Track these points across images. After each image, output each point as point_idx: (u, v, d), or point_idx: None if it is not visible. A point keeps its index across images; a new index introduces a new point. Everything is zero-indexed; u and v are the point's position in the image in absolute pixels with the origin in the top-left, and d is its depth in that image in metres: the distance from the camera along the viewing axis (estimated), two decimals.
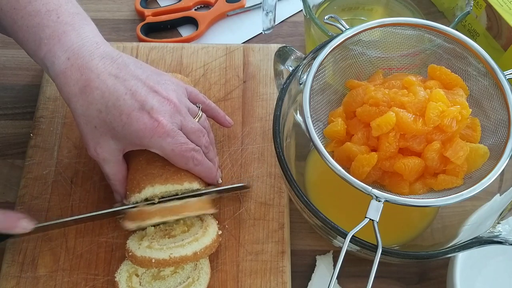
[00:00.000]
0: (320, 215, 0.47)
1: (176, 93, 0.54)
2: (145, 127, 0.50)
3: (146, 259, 0.51)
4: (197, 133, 0.54)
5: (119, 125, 0.50)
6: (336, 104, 0.54)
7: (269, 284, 0.55)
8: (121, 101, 0.50)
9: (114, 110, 0.50)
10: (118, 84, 0.50)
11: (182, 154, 0.52)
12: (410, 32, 0.53)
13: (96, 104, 0.50)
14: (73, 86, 0.49)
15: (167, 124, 0.51)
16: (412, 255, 0.47)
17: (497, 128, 0.49)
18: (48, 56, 0.50)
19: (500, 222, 0.47)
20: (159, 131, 0.50)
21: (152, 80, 0.52)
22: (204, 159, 0.55)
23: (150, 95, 0.51)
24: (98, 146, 0.52)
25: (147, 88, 0.51)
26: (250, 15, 0.78)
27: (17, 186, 0.61)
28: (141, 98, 0.50)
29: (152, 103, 0.50)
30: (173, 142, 0.51)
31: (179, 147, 0.52)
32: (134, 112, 0.50)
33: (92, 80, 0.49)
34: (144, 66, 0.54)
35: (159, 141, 0.51)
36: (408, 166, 0.47)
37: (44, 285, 0.55)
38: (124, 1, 0.79)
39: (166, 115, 0.51)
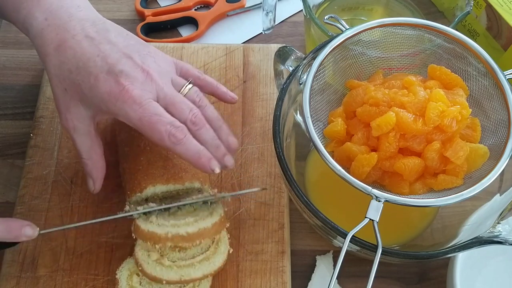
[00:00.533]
0: (320, 215, 0.47)
1: (157, 64, 0.50)
2: (110, 90, 0.47)
3: (157, 278, 0.51)
4: (178, 104, 0.49)
5: (87, 87, 0.48)
6: (336, 104, 0.54)
7: (269, 284, 0.55)
8: (91, 62, 0.47)
9: (84, 71, 0.48)
10: (92, 46, 0.48)
11: (152, 127, 0.47)
12: (410, 32, 0.53)
13: (68, 64, 0.48)
14: (47, 46, 0.48)
15: (134, 90, 0.47)
16: (412, 255, 0.47)
17: (497, 128, 0.49)
18: (27, 19, 0.49)
19: (500, 222, 0.47)
20: (124, 96, 0.47)
21: (130, 48, 0.49)
22: (188, 139, 0.48)
23: (123, 60, 0.48)
24: (68, 112, 0.50)
25: (121, 54, 0.48)
26: (250, 15, 0.78)
27: (17, 186, 0.61)
28: (112, 61, 0.48)
29: (122, 67, 0.48)
30: (140, 110, 0.47)
31: (148, 117, 0.47)
32: (101, 74, 0.47)
33: (66, 40, 0.48)
34: (129, 37, 0.51)
35: (124, 107, 0.47)
36: (408, 166, 0.47)
37: (44, 285, 0.55)
38: (124, 1, 0.79)
39: (135, 82, 0.47)
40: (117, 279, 0.53)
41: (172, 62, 0.53)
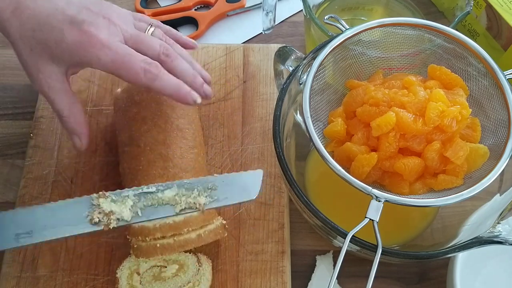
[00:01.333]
0: (320, 215, 0.47)
1: (115, 12, 0.50)
2: (78, 40, 0.47)
3: None
4: (147, 42, 0.49)
5: (52, 41, 0.47)
6: (336, 104, 0.54)
7: (269, 284, 0.55)
8: (52, 17, 0.47)
9: (47, 27, 0.47)
10: (48, 2, 0.48)
11: (126, 66, 0.47)
12: (410, 32, 0.53)
13: (29, 24, 0.47)
14: (4, 12, 0.48)
15: (100, 34, 0.47)
16: (412, 255, 0.47)
17: (497, 128, 0.49)
18: None
19: (500, 222, 0.47)
20: (93, 42, 0.47)
21: (88, 2, 0.49)
22: (164, 73, 0.49)
23: (83, 11, 0.48)
24: (39, 72, 0.49)
25: (79, 6, 0.48)
26: (250, 15, 0.78)
27: (17, 186, 0.61)
28: (71, 13, 0.48)
29: (83, 17, 0.48)
30: (111, 53, 0.47)
31: (120, 58, 0.47)
32: (65, 25, 0.47)
33: (21, 2, 0.48)
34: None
35: (95, 53, 0.47)
36: (408, 166, 0.47)
37: (44, 285, 0.55)
38: (124, 1, 0.79)
39: (100, 27, 0.48)
40: (118, 278, 0.53)
41: (129, 12, 0.53)
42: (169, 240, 0.51)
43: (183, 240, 0.52)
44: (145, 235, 0.52)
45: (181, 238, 0.52)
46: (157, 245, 0.51)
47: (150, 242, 0.52)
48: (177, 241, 0.51)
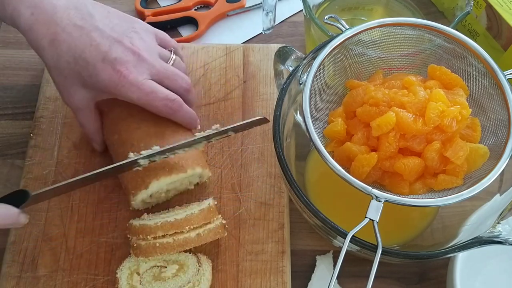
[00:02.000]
0: (320, 215, 0.47)
1: (143, 41, 0.55)
2: (110, 78, 0.52)
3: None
4: (172, 76, 0.55)
5: (87, 75, 0.52)
6: (336, 104, 0.54)
7: (269, 284, 0.55)
8: (87, 52, 0.51)
9: (81, 61, 0.52)
10: (83, 35, 0.52)
11: (150, 103, 0.53)
12: (410, 32, 0.53)
13: (65, 56, 0.52)
14: (41, 41, 0.51)
15: (130, 74, 0.52)
16: (412, 255, 0.47)
17: (497, 128, 0.49)
18: (14, 14, 0.52)
19: (500, 222, 0.47)
20: (122, 82, 0.52)
21: (117, 30, 0.53)
22: (182, 106, 0.55)
23: (114, 46, 0.52)
24: (70, 95, 0.54)
25: (111, 39, 0.52)
26: (250, 15, 0.78)
27: (17, 186, 0.61)
28: (104, 49, 0.52)
29: (115, 54, 0.52)
30: (138, 91, 0.52)
31: (145, 97, 0.53)
32: (98, 63, 0.51)
33: (58, 34, 0.51)
34: (111, 14, 0.54)
35: (124, 91, 0.52)
36: (408, 166, 0.47)
37: (44, 285, 0.55)
38: (124, 1, 0.79)
39: (130, 65, 0.52)
40: (118, 278, 0.53)
41: (153, 34, 0.58)
42: (169, 240, 0.51)
43: (182, 239, 0.52)
44: (146, 234, 0.52)
45: (180, 237, 0.52)
46: (157, 245, 0.51)
47: (149, 241, 0.52)
48: (176, 241, 0.52)
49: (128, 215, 0.59)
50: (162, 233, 0.52)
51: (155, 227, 0.52)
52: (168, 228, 0.52)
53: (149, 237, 0.52)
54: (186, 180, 0.57)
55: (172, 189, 0.58)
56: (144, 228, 0.52)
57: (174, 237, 0.52)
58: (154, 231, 0.52)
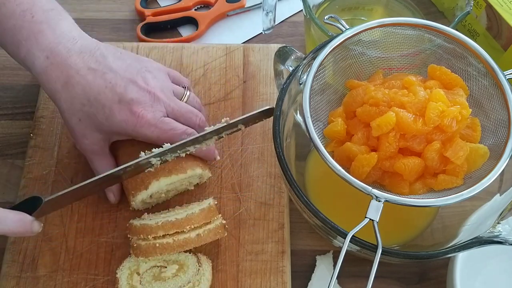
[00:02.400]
0: (320, 215, 0.47)
1: (157, 80, 0.55)
2: (127, 119, 0.52)
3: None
4: (186, 114, 0.55)
5: (103, 117, 0.52)
6: (336, 104, 0.54)
7: (269, 284, 0.55)
8: (102, 94, 0.51)
9: (96, 104, 0.51)
10: (97, 78, 0.51)
11: (170, 140, 0.53)
12: (410, 32, 0.53)
13: (79, 99, 0.51)
14: (54, 84, 0.51)
15: (147, 115, 0.52)
16: (412, 255, 0.47)
17: (497, 128, 0.49)
18: (28, 57, 0.52)
19: (500, 222, 0.47)
20: (141, 122, 0.52)
21: (131, 71, 0.53)
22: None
23: (130, 87, 0.52)
24: (84, 138, 0.54)
25: (126, 80, 0.52)
26: (250, 15, 0.78)
27: (17, 186, 0.61)
28: (120, 90, 0.52)
29: (131, 95, 0.52)
30: (157, 130, 0.53)
31: (164, 134, 0.53)
32: (114, 105, 0.51)
33: (72, 77, 0.51)
34: (124, 56, 0.55)
35: (142, 131, 0.52)
36: (408, 166, 0.47)
37: (44, 285, 0.55)
38: (124, 1, 0.79)
39: (147, 106, 0.52)
40: (117, 278, 0.53)
41: (165, 72, 0.58)
42: (169, 240, 0.51)
43: (182, 240, 0.52)
44: (146, 233, 0.52)
45: (180, 237, 0.52)
46: (157, 245, 0.51)
47: (150, 242, 0.52)
48: (176, 241, 0.52)
49: (128, 215, 0.59)
50: (162, 233, 0.52)
51: (156, 227, 0.52)
52: (168, 228, 0.52)
53: (149, 237, 0.52)
54: (186, 180, 0.57)
55: (172, 190, 0.58)
56: (144, 227, 0.52)
57: (174, 238, 0.52)
58: (154, 231, 0.52)
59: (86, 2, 0.78)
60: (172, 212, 0.55)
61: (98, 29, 0.56)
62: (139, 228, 0.52)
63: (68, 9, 0.56)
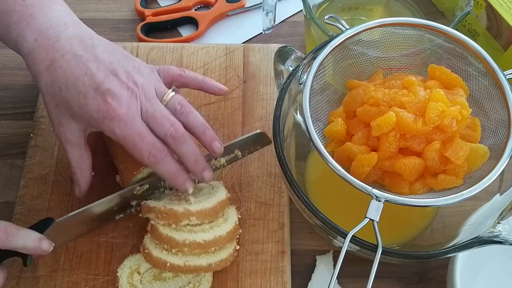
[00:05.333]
0: (320, 215, 0.47)
1: (141, 76, 0.52)
2: (98, 109, 0.49)
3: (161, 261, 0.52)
4: (159, 120, 0.51)
5: (76, 104, 0.50)
6: (336, 104, 0.54)
7: (269, 284, 0.55)
8: (80, 81, 0.50)
9: (73, 89, 0.50)
10: (80, 64, 0.50)
11: (135, 145, 0.50)
12: (410, 32, 0.53)
13: (58, 82, 0.50)
14: (39, 66, 0.51)
15: (120, 109, 0.49)
16: (412, 255, 0.47)
17: (497, 128, 0.49)
18: (18, 40, 0.51)
19: (500, 222, 0.47)
20: (111, 115, 0.49)
21: (116, 65, 0.51)
22: (167, 160, 0.51)
23: (109, 78, 0.50)
24: (60, 125, 0.52)
25: (108, 71, 0.50)
26: (250, 15, 0.78)
27: (17, 186, 0.61)
28: (99, 79, 0.50)
29: (109, 86, 0.49)
30: (126, 129, 0.49)
31: (131, 137, 0.49)
32: (90, 92, 0.49)
33: (56, 60, 0.50)
34: (116, 51, 0.53)
35: (111, 125, 0.49)
36: (408, 166, 0.47)
37: (44, 285, 0.55)
38: (124, 1, 0.79)
39: (122, 100, 0.49)
40: (118, 276, 0.53)
41: (154, 69, 0.55)
42: (180, 263, 0.51)
43: (193, 266, 0.51)
44: (171, 246, 0.51)
45: (191, 264, 0.51)
46: (167, 264, 0.51)
47: (161, 258, 0.51)
48: (187, 266, 0.51)
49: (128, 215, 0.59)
50: (187, 250, 0.51)
51: (182, 244, 0.51)
52: (194, 247, 0.51)
53: (173, 250, 0.51)
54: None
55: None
56: (170, 240, 0.51)
57: (185, 262, 0.51)
58: (180, 247, 0.51)
59: (86, 2, 0.78)
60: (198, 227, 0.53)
61: (98, 29, 0.56)
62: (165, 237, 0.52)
63: None
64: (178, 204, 0.52)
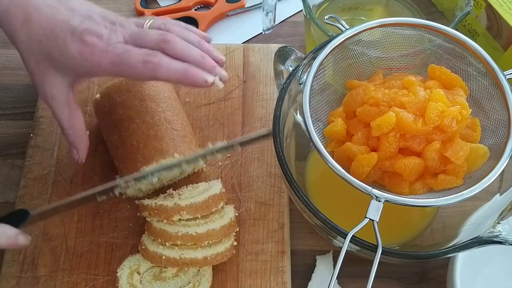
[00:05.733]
0: (320, 215, 0.47)
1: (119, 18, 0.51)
2: (80, 49, 0.48)
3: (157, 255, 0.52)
4: (144, 33, 0.49)
5: (57, 52, 0.48)
6: (336, 104, 0.54)
7: (269, 284, 0.55)
8: (57, 28, 0.48)
9: (52, 38, 0.48)
10: (55, 14, 0.49)
11: (125, 63, 0.47)
12: (410, 32, 0.53)
13: (36, 36, 0.49)
14: (14, 24, 0.49)
15: (100, 42, 0.48)
16: (412, 255, 0.47)
17: (497, 128, 0.49)
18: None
19: (500, 222, 0.47)
20: (93, 50, 0.48)
21: (91, 12, 0.50)
22: (165, 59, 0.47)
23: (86, 21, 0.49)
24: (44, 82, 0.50)
25: (83, 16, 0.49)
26: (250, 15, 0.78)
27: (17, 186, 0.61)
28: (75, 23, 0.48)
29: (85, 26, 0.48)
30: (109, 55, 0.47)
31: (118, 57, 0.47)
32: (68, 36, 0.48)
33: (31, 13, 0.49)
34: (92, 7, 0.51)
35: (96, 59, 0.48)
36: (408, 166, 0.47)
37: (44, 285, 0.55)
38: (124, 1, 0.79)
39: (101, 35, 0.48)
40: (118, 277, 0.53)
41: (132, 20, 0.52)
42: (175, 256, 0.52)
43: (188, 259, 0.52)
44: (165, 239, 0.52)
45: (187, 256, 0.52)
46: (163, 258, 0.52)
47: (157, 252, 0.52)
48: (182, 259, 0.52)
49: (128, 215, 0.59)
50: (180, 242, 0.52)
51: (175, 236, 0.52)
52: (187, 240, 0.52)
53: (166, 243, 0.52)
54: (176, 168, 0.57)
55: (164, 178, 0.58)
56: (163, 233, 0.52)
57: (181, 255, 0.52)
58: (173, 239, 0.52)
59: None
60: (192, 222, 0.54)
61: None
62: (158, 231, 0.52)
63: None
64: (170, 200, 0.53)
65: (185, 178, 0.61)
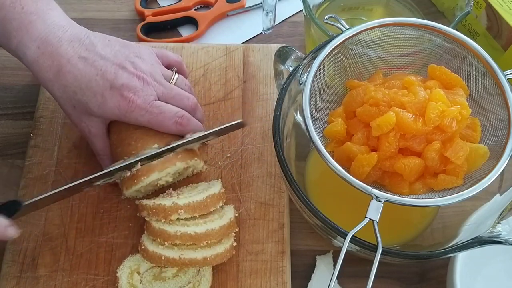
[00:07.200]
0: (320, 215, 0.47)
1: (146, 64, 0.56)
2: (119, 105, 0.53)
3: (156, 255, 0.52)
4: (177, 97, 0.56)
5: (95, 105, 0.53)
6: (336, 104, 0.54)
7: (269, 284, 0.55)
8: (93, 82, 0.52)
9: (88, 92, 0.53)
10: (88, 66, 0.53)
11: (161, 124, 0.55)
12: (410, 32, 0.53)
13: (71, 87, 0.53)
14: (47, 73, 0.52)
15: (138, 99, 0.53)
16: (412, 255, 0.47)
17: (497, 128, 0.49)
18: (19, 47, 0.52)
19: (500, 222, 0.47)
20: (131, 107, 0.53)
21: (120, 57, 0.54)
22: (190, 121, 0.56)
23: (119, 73, 0.53)
24: (81, 122, 0.55)
25: (116, 66, 0.53)
26: (250, 15, 0.78)
27: (17, 186, 0.61)
28: (110, 77, 0.53)
29: (121, 81, 0.53)
30: (147, 115, 0.54)
31: (155, 118, 0.54)
32: (106, 91, 0.53)
33: (63, 66, 0.52)
34: (112, 43, 0.56)
35: (134, 116, 0.54)
36: (408, 166, 0.47)
37: (44, 285, 0.55)
38: (124, 1, 0.79)
39: (137, 90, 0.53)
40: (118, 277, 0.53)
41: (154, 54, 0.59)
42: (175, 256, 0.52)
43: (188, 259, 0.52)
44: (164, 239, 0.52)
45: (186, 257, 0.52)
46: (162, 258, 0.52)
47: (157, 252, 0.52)
48: (182, 259, 0.52)
49: (128, 215, 0.59)
50: (179, 242, 0.52)
51: (174, 236, 0.52)
52: (186, 240, 0.52)
53: (166, 243, 0.52)
54: (175, 173, 0.58)
55: (162, 181, 0.58)
56: (162, 232, 0.52)
57: (180, 255, 0.52)
58: (172, 239, 0.52)
59: (86, 2, 0.78)
60: (191, 221, 0.54)
61: (98, 29, 0.56)
62: (157, 231, 0.52)
63: (68, 9, 0.57)
64: (168, 200, 0.53)
65: (185, 178, 0.61)
